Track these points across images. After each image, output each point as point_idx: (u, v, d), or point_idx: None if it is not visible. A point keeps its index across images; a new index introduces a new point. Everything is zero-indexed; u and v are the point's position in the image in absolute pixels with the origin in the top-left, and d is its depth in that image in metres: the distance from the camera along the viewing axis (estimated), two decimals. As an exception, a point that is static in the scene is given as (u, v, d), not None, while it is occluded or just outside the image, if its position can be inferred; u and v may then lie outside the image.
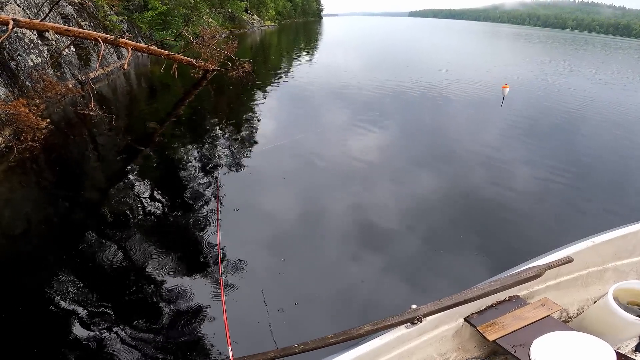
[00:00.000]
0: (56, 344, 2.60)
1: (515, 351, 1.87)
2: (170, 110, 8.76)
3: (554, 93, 12.51)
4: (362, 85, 11.77)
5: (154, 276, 3.25)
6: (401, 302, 2.99)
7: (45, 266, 3.34)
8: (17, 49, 7.64)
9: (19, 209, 4.45)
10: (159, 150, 6.37)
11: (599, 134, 8.43)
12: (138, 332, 2.71)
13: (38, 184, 5.14)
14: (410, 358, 2.00)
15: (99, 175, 5.51)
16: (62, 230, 4.01)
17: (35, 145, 5.33)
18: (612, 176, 6.05)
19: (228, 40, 14.32)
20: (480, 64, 20.07)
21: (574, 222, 4.59)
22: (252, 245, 3.78)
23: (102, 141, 6.70)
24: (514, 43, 43.62)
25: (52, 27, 8.13)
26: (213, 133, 7.31)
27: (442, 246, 3.95)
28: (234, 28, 31.98)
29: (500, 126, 8.44)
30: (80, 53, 10.49)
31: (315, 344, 1.93)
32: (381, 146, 6.88)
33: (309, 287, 3.33)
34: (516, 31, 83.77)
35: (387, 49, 27.03)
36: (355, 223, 4.30)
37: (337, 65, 16.92)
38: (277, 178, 5.41)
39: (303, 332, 2.57)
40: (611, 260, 2.56)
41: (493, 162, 6.28)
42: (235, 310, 2.84)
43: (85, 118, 6.93)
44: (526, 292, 2.32)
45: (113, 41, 9.15)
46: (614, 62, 28.51)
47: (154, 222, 4.13)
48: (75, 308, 2.86)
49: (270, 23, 46.26)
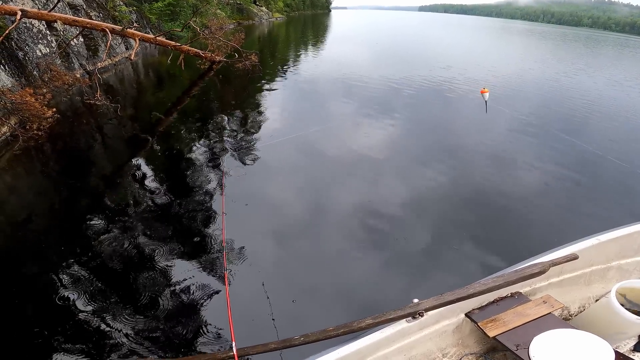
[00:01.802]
0: (58, 333, 2.64)
1: (515, 348, 1.87)
2: (176, 101, 8.79)
3: (561, 92, 12.32)
4: (369, 80, 11.68)
5: (157, 266, 3.28)
6: (403, 295, 3.00)
7: (48, 254, 3.38)
8: (25, 39, 7.69)
9: (24, 196, 4.51)
10: (164, 140, 6.40)
11: (606, 131, 8.31)
12: (142, 322, 2.75)
13: (43, 172, 5.20)
14: (410, 352, 2.00)
15: (104, 164, 5.56)
16: (64, 218, 4.05)
17: (41, 134, 5.37)
18: (619, 175, 5.98)
19: (235, 32, 14.26)
20: (494, 62, 19.78)
21: (579, 220, 4.55)
22: (256, 236, 3.81)
23: (108, 130, 6.75)
24: (529, 40, 42.87)
25: (60, 17, 8.16)
26: (218, 124, 7.32)
27: (445, 240, 3.94)
28: (242, 19, 31.82)
29: (505, 124, 8.35)
30: (89, 43, 10.54)
31: (316, 336, 1.94)
32: (386, 141, 6.84)
33: (311, 279, 3.35)
34: (529, 28, 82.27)
35: (395, 45, 26.71)
36: (359, 216, 4.30)
37: (344, 59, 16.78)
38: (282, 170, 5.42)
39: (304, 324, 2.59)
40: (615, 258, 2.54)
41: (498, 158, 6.23)
42: (238, 301, 2.86)
43: (92, 108, 6.98)
44: (528, 289, 2.31)
45: (120, 32, 9.15)
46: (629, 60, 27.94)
47: (157, 212, 4.16)
48: (77, 297, 2.90)
49: (279, 15, 45.92)
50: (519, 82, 13.29)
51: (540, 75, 15.28)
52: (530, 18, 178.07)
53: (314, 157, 6.00)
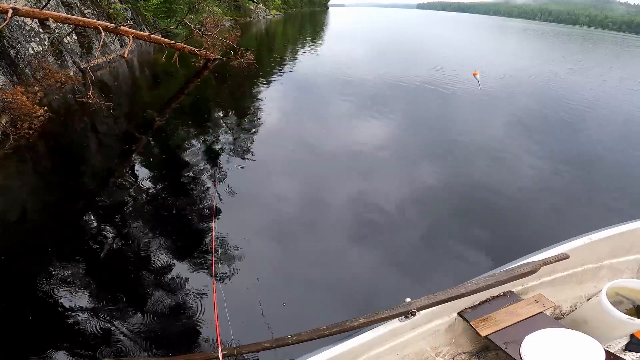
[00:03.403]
0: (46, 333, 2.62)
1: (507, 347, 1.87)
2: (171, 99, 8.73)
3: (559, 89, 12.37)
4: (365, 77, 11.66)
5: (147, 266, 3.26)
6: (395, 293, 3.00)
7: (40, 254, 3.34)
8: (17, 37, 7.61)
9: (15, 195, 4.47)
10: (157, 138, 6.35)
11: (602, 129, 8.35)
12: (130, 322, 2.72)
13: (34, 171, 5.15)
14: (402, 351, 2.01)
15: (95, 162, 5.51)
16: (55, 218, 4.00)
17: (32, 133, 5.36)
18: (614, 172, 6.01)
19: (231, 29, 14.19)
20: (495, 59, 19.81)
21: (571, 218, 4.57)
22: (248, 234, 3.79)
23: (100, 129, 6.68)
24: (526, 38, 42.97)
25: (51, 15, 8.06)
26: (213, 122, 7.28)
27: (439, 239, 3.95)
28: (239, 17, 31.64)
29: (502, 121, 8.37)
30: (82, 41, 10.44)
31: (309, 335, 1.95)
32: (383, 138, 6.84)
33: (304, 278, 3.35)
34: (526, 26, 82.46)
35: (393, 42, 26.68)
36: (353, 213, 4.31)
37: (341, 56, 16.75)
38: (277, 167, 5.40)
39: (296, 323, 2.58)
40: (607, 257, 2.55)
41: (494, 155, 6.25)
42: (229, 300, 2.85)
43: (85, 106, 6.92)
44: (520, 288, 2.32)
45: (114, 30, 9.08)
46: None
47: (149, 211, 4.13)
48: (66, 296, 2.88)
49: (276, 12, 45.69)
50: (514, 79, 13.33)
51: (537, 73, 15.33)
52: (528, 16, 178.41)
53: (309, 155, 5.99)
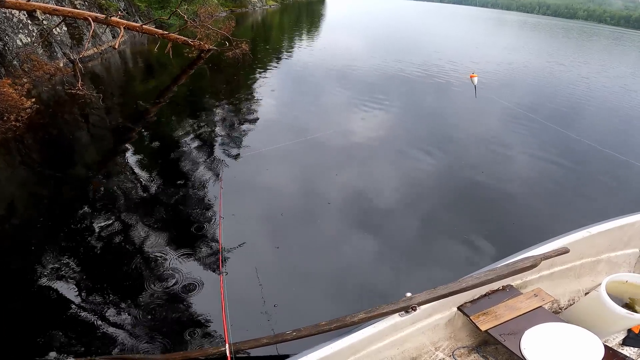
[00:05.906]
0: (45, 327, 2.59)
1: (506, 341, 1.88)
2: (164, 90, 8.59)
3: (553, 82, 12.38)
4: (363, 68, 11.58)
5: (144, 260, 3.23)
6: (396, 289, 3.00)
7: (30, 248, 3.29)
8: (5, 29, 7.44)
9: (2, 188, 4.38)
10: (149, 129, 6.25)
11: (598, 122, 8.39)
12: (132, 316, 2.71)
13: (21, 163, 5.03)
14: (403, 346, 2.01)
15: (85, 154, 5.40)
16: (45, 211, 3.92)
17: (19, 125, 5.26)
18: (610, 166, 6.05)
19: (226, 20, 13.93)
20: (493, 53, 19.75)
21: (570, 211, 4.60)
22: (250, 224, 3.78)
23: (90, 120, 6.54)
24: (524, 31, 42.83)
25: (39, 6, 7.84)
26: (208, 113, 7.18)
27: (437, 232, 3.96)
28: (235, 7, 31.05)
29: (499, 114, 8.37)
30: (73, 32, 10.19)
31: (309, 330, 1.93)
32: (379, 129, 6.82)
33: (305, 272, 3.35)
34: (525, 19, 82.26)
35: (390, 34, 26.48)
36: (352, 205, 4.32)
37: (338, 47, 16.59)
38: (273, 158, 5.35)
39: (296, 318, 2.58)
40: (605, 251, 2.56)
41: (491, 148, 6.25)
42: (232, 296, 2.84)
43: (74, 97, 6.78)
44: (520, 282, 2.32)
45: (104, 21, 8.85)
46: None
47: (140, 204, 4.07)
48: (62, 291, 2.85)
49: (273, 3, 44.89)
50: (510, 72, 13.33)
51: (538, 67, 15.33)
52: (526, 9, 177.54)
53: (305, 146, 5.93)
